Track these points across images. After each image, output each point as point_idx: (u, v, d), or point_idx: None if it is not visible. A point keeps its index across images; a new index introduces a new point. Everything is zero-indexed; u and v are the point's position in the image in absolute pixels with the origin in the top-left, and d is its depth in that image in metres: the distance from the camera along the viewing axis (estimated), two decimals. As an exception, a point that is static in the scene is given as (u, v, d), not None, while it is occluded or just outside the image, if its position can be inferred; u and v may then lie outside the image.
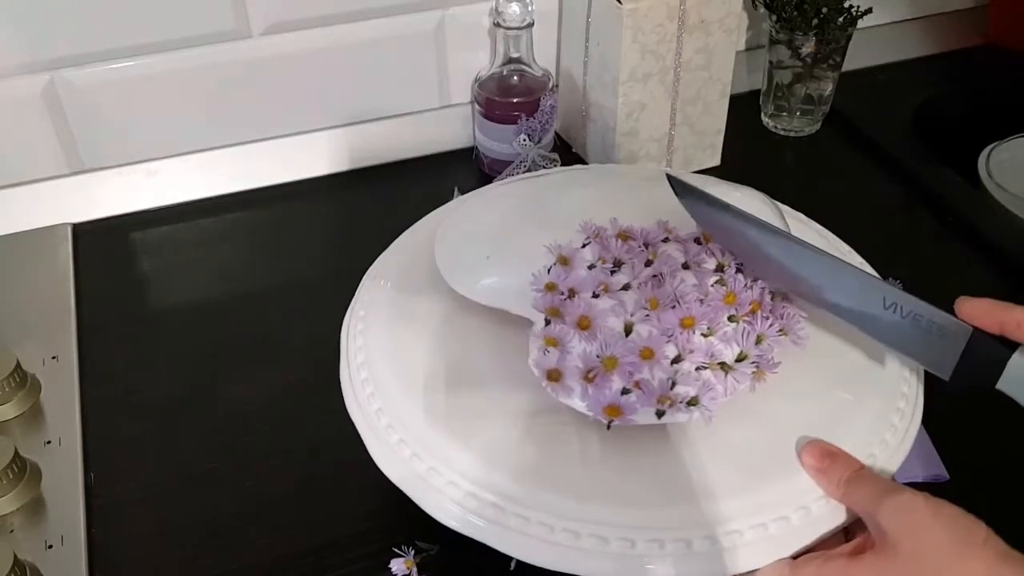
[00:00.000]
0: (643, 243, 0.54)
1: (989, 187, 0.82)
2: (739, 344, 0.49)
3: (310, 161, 0.87)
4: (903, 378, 0.53)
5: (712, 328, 0.49)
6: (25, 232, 0.79)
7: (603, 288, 0.50)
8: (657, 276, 0.51)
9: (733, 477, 0.47)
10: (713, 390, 0.47)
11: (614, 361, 0.47)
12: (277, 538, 0.58)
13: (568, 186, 0.62)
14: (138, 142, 0.81)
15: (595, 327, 0.49)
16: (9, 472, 0.58)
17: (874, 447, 0.49)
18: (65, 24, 0.74)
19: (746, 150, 0.90)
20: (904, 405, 0.51)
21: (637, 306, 0.50)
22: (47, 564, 0.55)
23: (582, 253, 0.52)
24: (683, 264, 0.52)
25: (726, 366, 0.48)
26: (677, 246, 0.54)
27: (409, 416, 0.50)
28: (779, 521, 0.46)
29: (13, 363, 0.64)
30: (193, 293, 0.76)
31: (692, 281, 0.51)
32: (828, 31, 0.86)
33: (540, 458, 0.48)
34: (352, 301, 0.59)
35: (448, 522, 0.47)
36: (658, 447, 0.48)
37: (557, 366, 0.48)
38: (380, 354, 0.54)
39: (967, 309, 0.47)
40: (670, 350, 0.48)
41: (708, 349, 0.49)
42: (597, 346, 0.48)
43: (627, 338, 0.48)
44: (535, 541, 0.45)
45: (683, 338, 0.48)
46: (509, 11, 0.79)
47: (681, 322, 0.49)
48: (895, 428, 0.50)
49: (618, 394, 0.47)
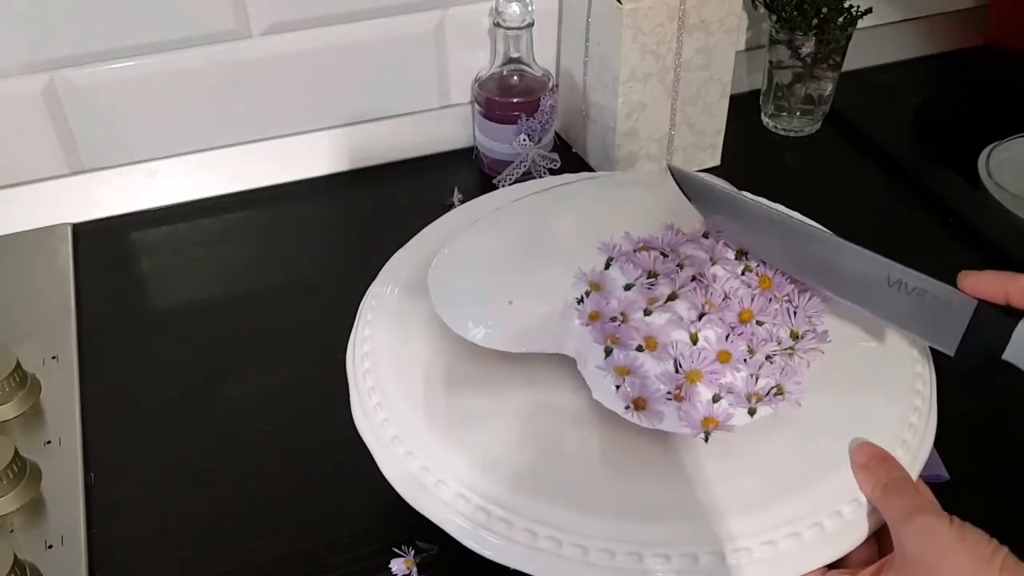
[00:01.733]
0: (663, 251, 0.53)
1: (989, 187, 0.82)
2: (790, 324, 0.49)
3: (310, 161, 0.87)
4: (916, 374, 0.52)
5: (764, 316, 0.49)
6: (25, 232, 0.79)
7: (652, 303, 0.50)
8: (695, 278, 0.51)
9: (746, 491, 0.46)
10: (795, 374, 0.47)
11: (698, 374, 0.47)
12: (277, 538, 0.58)
13: (561, 207, 0.60)
14: (138, 142, 0.81)
15: (661, 345, 0.48)
16: (9, 472, 0.58)
17: (896, 449, 0.49)
18: (65, 24, 0.74)
19: (746, 150, 0.90)
20: (920, 403, 0.51)
21: (691, 313, 0.49)
22: (47, 564, 0.55)
23: (610, 274, 0.51)
24: (711, 260, 0.52)
25: (792, 348, 0.48)
26: (695, 245, 0.53)
27: (415, 427, 0.50)
28: (790, 538, 0.45)
29: (13, 363, 0.64)
30: (193, 293, 0.76)
31: (725, 275, 0.51)
32: (828, 31, 0.86)
33: (542, 468, 0.48)
34: (356, 317, 0.58)
35: (453, 532, 0.47)
36: (660, 452, 0.48)
37: (640, 395, 0.47)
38: (387, 365, 0.53)
39: (971, 282, 0.46)
40: (742, 347, 0.48)
41: (772, 336, 0.49)
42: (672, 363, 0.47)
43: (696, 346, 0.48)
44: (535, 553, 0.45)
45: (748, 332, 0.48)
46: (509, 11, 0.79)
47: (740, 317, 0.49)
48: (915, 428, 0.50)
49: (710, 404, 0.46)
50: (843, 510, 0.46)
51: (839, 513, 0.46)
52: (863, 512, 0.46)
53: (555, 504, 0.46)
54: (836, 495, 0.47)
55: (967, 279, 0.47)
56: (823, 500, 0.46)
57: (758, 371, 0.48)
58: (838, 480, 0.47)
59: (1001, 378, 0.68)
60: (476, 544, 0.46)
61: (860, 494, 0.47)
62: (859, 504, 0.46)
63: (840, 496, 0.47)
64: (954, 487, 0.59)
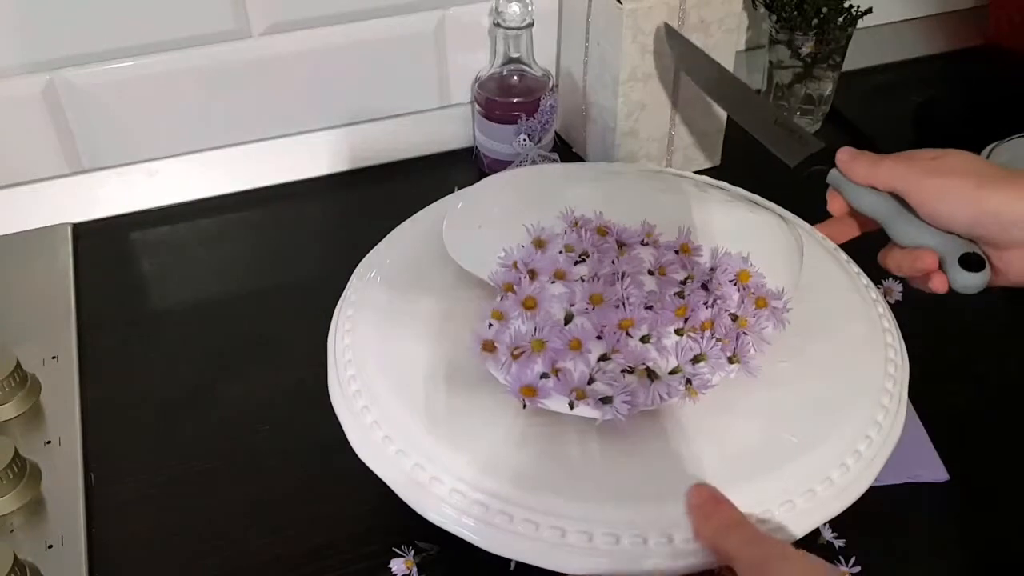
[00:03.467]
0: (617, 241, 0.54)
1: (989, 187, 0.82)
2: (676, 358, 0.49)
3: (310, 161, 0.87)
4: (888, 375, 0.53)
5: (652, 336, 0.49)
6: (25, 232, 0.79)
7: (559, 275, 0.51)
8: (617, 275, 0.52)
9: (726, 472, 0.47)
10: (632, 395, 0.47)
11: (541, 344, 0.48)
12: (277, 538, 0.58)
13: (580, 179, 0.64)
14: (138, 142, 0.81)
15: (539, 310, 0.50)
16: (9, 472, 0.58)
17: (859, 443, 0.49)
18: (65, 24, 0.74)
19: (746, 150, 0.90)
20: (888, 401, 0.52)
21: (585, 299, 0.50)
22: (47, 564, 0.55)
23: (557, 240, 0.53)
24: (648, 270, 0.53)
25: (652, 374, 0.48)
26: (651, 251, 0.54)
27: (398, 415, 0.50)
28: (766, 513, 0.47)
29: (13, 363, 0.64)
30: (193, 293, 0.76)
31: (651, 287, 0.52)
32: (828, 31, 0.86)
33: (535, 460, 0.48)
34: (339, 300, 0.59)
35: (441, 523, 0.47)
36: (656, 453, 0.49)
37: (494, 338, 0.49)
38: (369, 353, 0.54)
39: (851, 169, 0.58)
40: (599, 347, 0.48)
41: (641, 355, 0.49)
42: (532, 327, 0.49)
43: (565, 327, 0.49)
44: (531, 542, 0.46)
45: (614, 338, 0.49)
46: (509, 11, 0.80)
47: (619, 323, 0.49)
48: (880, 425, 0.51)
49: (537, 377, 0.48)
50: (816, 488, 0.48)
51: (812, 491, 0.47)
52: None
53: (553, 494, 0.46)
54: (812, 472, 0.48)
55: (848, 162, 0.58)
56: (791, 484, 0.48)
57: (596, 373, 0.48)
58: (815, 458, 0.48)
59: (1001, 378, 0.68)
60: (479, 538, 0.47)
61: (832, 470, 0.48)
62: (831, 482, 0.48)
63: (815, 472, 0.48)
64: (954, 487, 0.59)
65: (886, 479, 0.59)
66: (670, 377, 0.49)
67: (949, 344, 0.68)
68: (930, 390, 0.56)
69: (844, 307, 0.56)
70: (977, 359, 0.69)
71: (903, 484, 0.59)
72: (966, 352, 0.69)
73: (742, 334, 0.51)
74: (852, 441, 0.49)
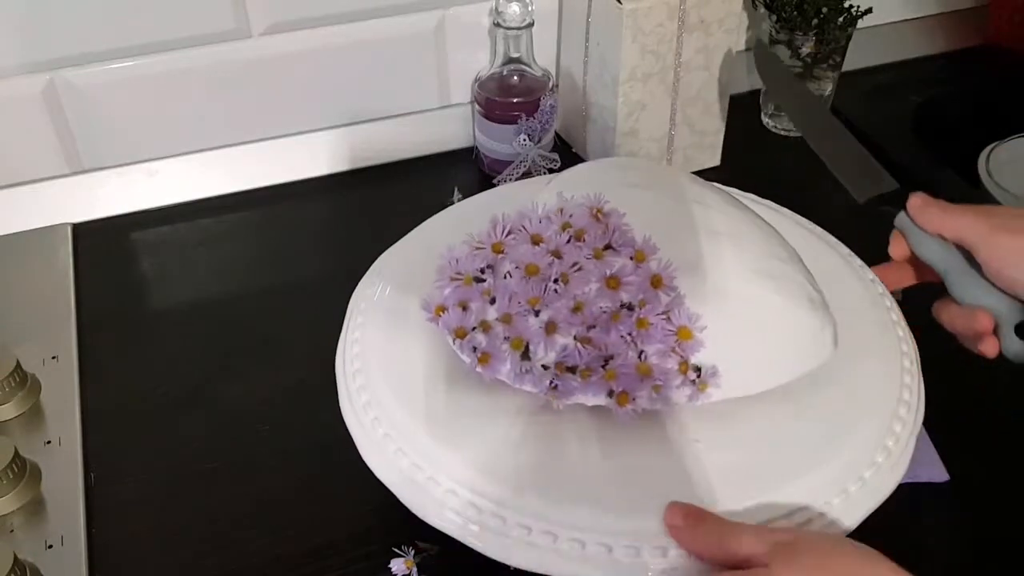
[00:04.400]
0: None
1: (989, 187, 0.82)
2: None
3: (310, 161, 0.87)
4: (904, 385, 0.53)
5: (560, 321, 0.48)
6: (25, 232, 0.79)
7: (535, 240, 0.50)
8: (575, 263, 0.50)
9: (733, 488, 0.47)
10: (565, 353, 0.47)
11: (509, 316, 0.48)
12: (277, 538, 0.58)
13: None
14: (138, 142, 0.81)
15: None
16: (9, 472, 0.58)
17: (878, 455, 0.49)
18: (65, 24, 0.74)
19: (746, 150, 0.90)
20: (905, 412, 0.52)
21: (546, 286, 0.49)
22: (47, 564, 0.55)
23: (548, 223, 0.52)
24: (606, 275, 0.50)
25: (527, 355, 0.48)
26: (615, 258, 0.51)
27: (405, 423, 0.50)
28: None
29: (13, 363, 0.64)
30: (193, 293, 0.76)
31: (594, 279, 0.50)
32: (828, 31, 0.86)
33: (532, 465, 0.48)
34: (348, 309, 0.59)
35: (436, 524, 0.48)
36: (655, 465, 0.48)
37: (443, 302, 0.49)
38: (376, 363, 0.54)
39: (921, 215, 0.55)
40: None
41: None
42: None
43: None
44: (523, 546, 0.46)
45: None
46: (509, 11, 0.80)
47: (529, 299, 0.48)
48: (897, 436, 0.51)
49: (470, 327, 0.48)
50: (833, 501, 0.47)
51: (830, 504, 0.47)
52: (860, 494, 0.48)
53: (550, 499, 0.46)
54: (831, 483, 0.48)
55: (917, 208, 0.55)
56: (817, 489, 0.47)
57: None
58: (831, 470, 0.48)
59: (1001, 378, 0.68)
60: (475, 540, 0.47)
61: (864, 470, 0.48)
62: (863, 482, 0.48)
63: (837, 482, 0.48)
64: (954, 487, 0.59)
65: (886, 479, 0.59)
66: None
67: (949, 344, 0.68)
68: (931, 390, 0.56)
69: (858, 309, 0.56)
70: (978, 359, 0.69)
71: (903, 484, 0.59)
72: (967, 352, 0.69)
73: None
74: (856, 466, 0.49)
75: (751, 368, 0.49)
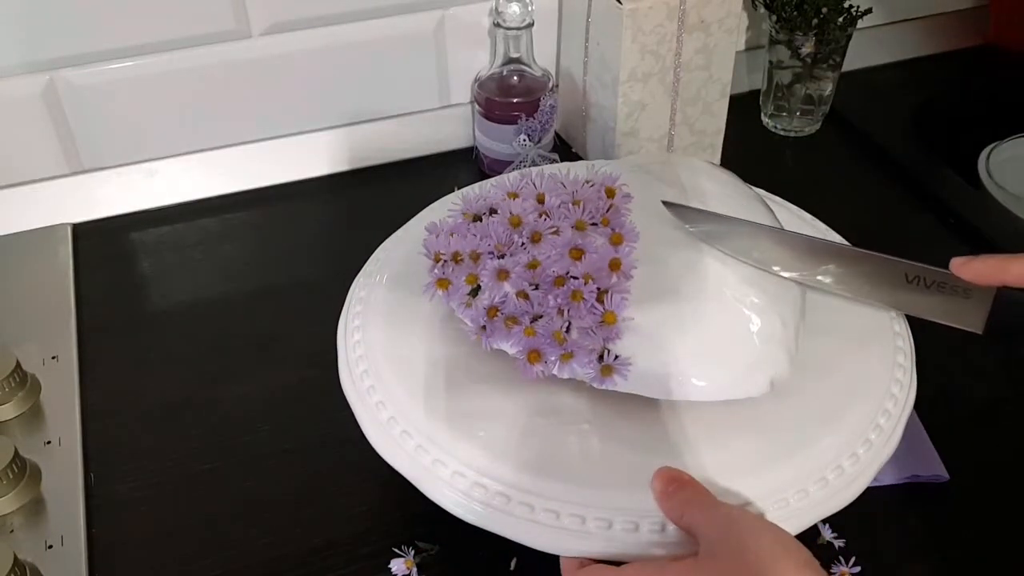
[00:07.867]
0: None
1: (989, 187, 0.82)
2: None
3: (310, 161, 0.87)
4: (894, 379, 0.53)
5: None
6: (25, 232, 0.79)
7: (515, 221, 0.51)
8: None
9: (738, 464, 0.48)
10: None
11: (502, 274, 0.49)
12: (277, 538, 0.58)
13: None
14: (138, 142, 0.81)
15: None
16: (9, 472, 0.58)
17: (870, 432, 0.50)
18: (65, 24, 0.74)
19: (746, 150, 0.90)
20: (892, 406, 0.52)
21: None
22: (47, 564, 0.55)
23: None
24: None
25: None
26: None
27: (407, 400, 0.51)
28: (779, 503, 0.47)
29: (13, 363, 0.64)
30: (193, 293, 0.76)
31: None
32: (828, 31, 0.86)
33: (536, 447, 0.49)
34: (347, 297, 0.59)
35: (443, 503, 0.48)
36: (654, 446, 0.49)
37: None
38: (379, 348, 0.54)
39: (965, 269, 0.50)
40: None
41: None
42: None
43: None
44: (526, 523, 0.47)
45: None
46: (509, 11, 0.80)
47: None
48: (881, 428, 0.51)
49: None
50: (828, 476, 0.48)
51: (824, 479, 0.48)
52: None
53: (550, 478, 0.47)
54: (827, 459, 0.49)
55: (961, 266, 0.50)
56: (812, 465, 0.49)
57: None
58: (825, 446, 0.49)
59: (1000, 378, 0.68)
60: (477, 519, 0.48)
61: (858, 447, 0.49)
62: (856, 458, 0.49)
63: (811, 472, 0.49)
64: (954, 487, 0.59)
65: (886, 479, 0.59)
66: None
67: (949, 343, 0.68)
68: (931, 390, 0.56)
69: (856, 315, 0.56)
70: (978, 358, 0.69)
71: (903, 484, 0.59)
72: (967, 351, 0.69)
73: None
74: (849, 444, 0.50)
75: (674, 377, 0.49)
